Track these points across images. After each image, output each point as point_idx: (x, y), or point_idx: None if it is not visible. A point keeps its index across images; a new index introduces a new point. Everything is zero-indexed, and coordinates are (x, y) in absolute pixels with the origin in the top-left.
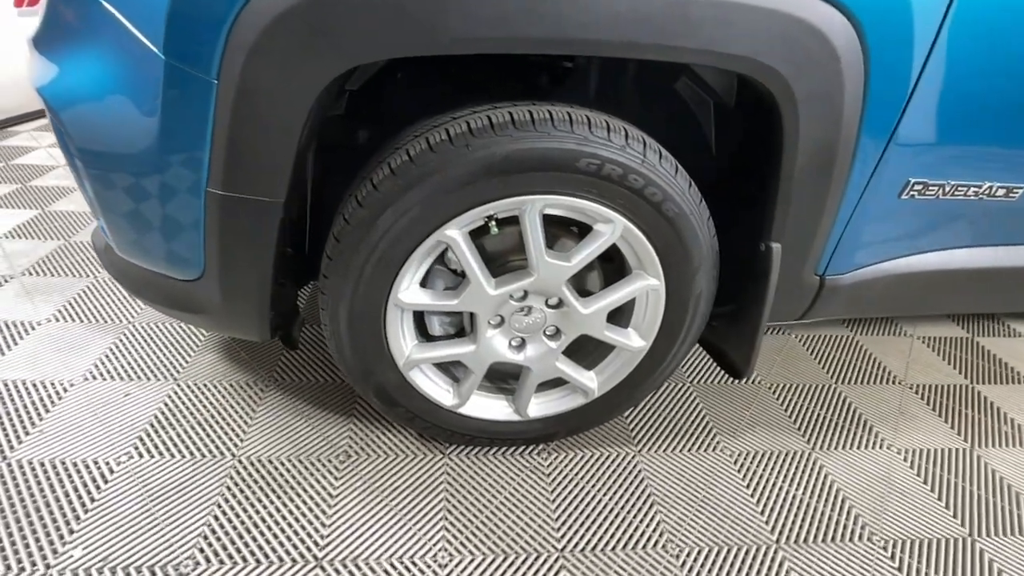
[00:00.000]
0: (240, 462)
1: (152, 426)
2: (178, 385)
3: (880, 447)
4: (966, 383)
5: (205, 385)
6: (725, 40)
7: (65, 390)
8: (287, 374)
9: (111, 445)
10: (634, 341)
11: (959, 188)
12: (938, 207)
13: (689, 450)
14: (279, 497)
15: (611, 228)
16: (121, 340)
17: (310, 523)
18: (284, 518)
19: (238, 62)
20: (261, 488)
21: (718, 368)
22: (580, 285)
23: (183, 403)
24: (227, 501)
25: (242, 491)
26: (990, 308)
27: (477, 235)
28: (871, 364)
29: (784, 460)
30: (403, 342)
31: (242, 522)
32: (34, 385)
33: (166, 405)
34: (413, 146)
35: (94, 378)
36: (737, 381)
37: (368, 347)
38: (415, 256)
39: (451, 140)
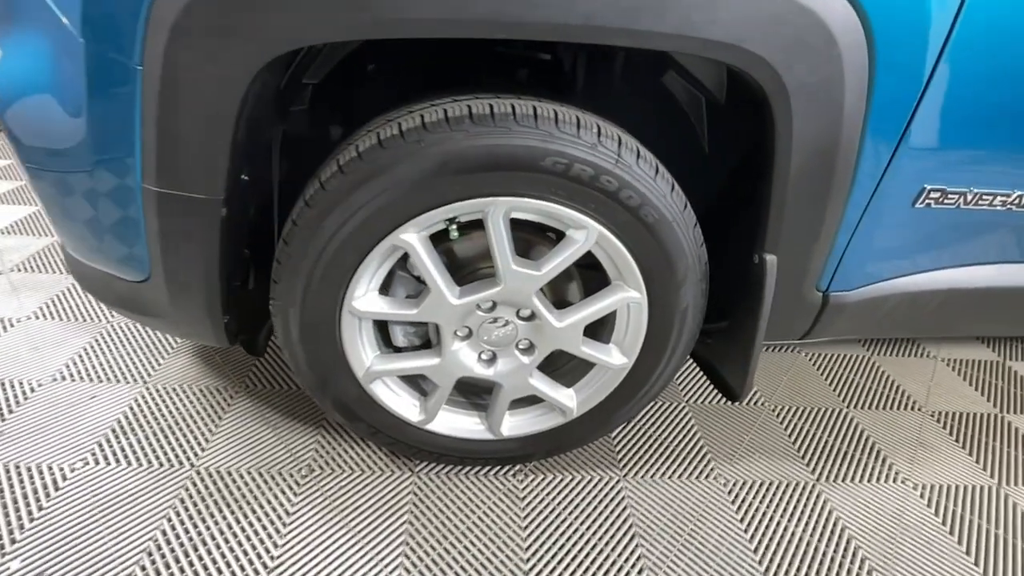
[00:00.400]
0: (198, 472)
1: (114, 431)
2: (147, 388)
3: (893, 480)
4: (994, 412)
5: (174, 389)
6: (703, 24)
7: (32, 390)
8: (259, 380)
9: (69, 450)
10: (615, 358)
11: (984, 197)
12: (959, 217)
13: (679, 477)
14: (233, 512)
15: (585, 235)
16: (97, 340)
17: (262, 541)
18: (235, 535)
19: (160, 47)
20: (216, 502)
21: (707, 388)
22: (560, 295)
23: (149, 408)
24: (178, 515)
25: (195, 504)
26: (1021, 332)
27: (443, 239)
28: (888, 387)
29: (784, 492)
30: (362, 352)
31: (191, 538)
32: (2, 384)
33: (131, 409)
34: (363, 141)
35: (64, 378)
36: (735, 403)
37: (323, 358)
38: (369, 261)
39: (403, 135)
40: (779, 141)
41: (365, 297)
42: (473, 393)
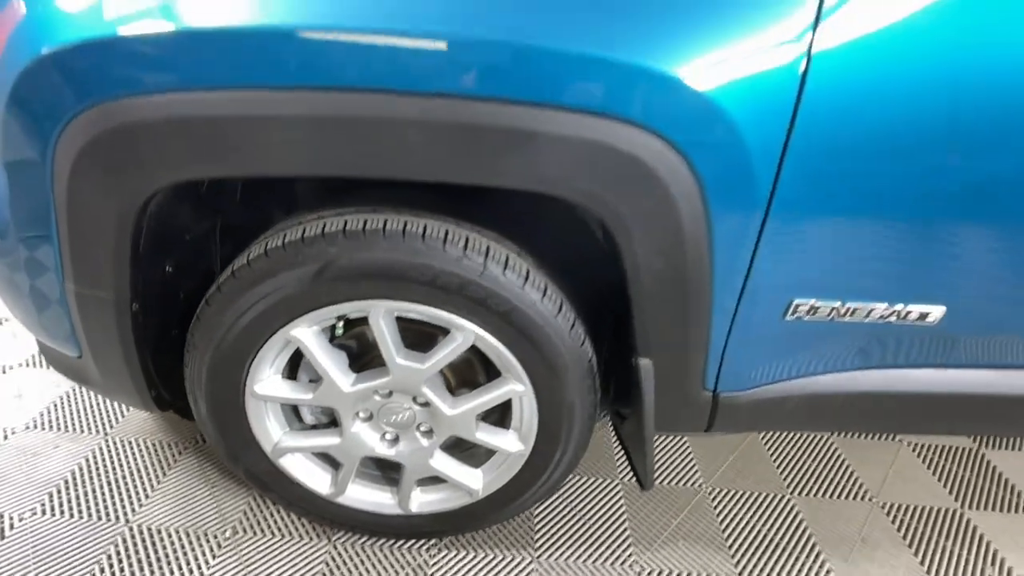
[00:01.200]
0: (130, 529)
1: (66, 482)
2: (106, 440)
3: None
4: (955, 507)
5: (130, 443)
6: (533, 169)
7: (6, 437)
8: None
9: (23, 499)
10: (511, 445)
11: (856, 310)
12: (838, 329)
13: (593, 561)
14: (152, 572)
15: (462, 335)
16: (74, 390)
17: None
18: None
19: (64, 181)
20: (139, 560)
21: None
22: (470, 377)
23: (103, 460)
24: (103, 571)
25: (120, 561)
26: (931, 432)
27: (354, 324)
28: (841, 473)
29: None
30: (270, 429)
31: None
32: None
33: (87, 460)
34: (253, 250)
35: (35, 427)
36: (643, 490)
37: (232, 434)
38: (266, 350)
39: (284, 247)
40: (626, 260)
41: (266, 381)
42: (390, 467)
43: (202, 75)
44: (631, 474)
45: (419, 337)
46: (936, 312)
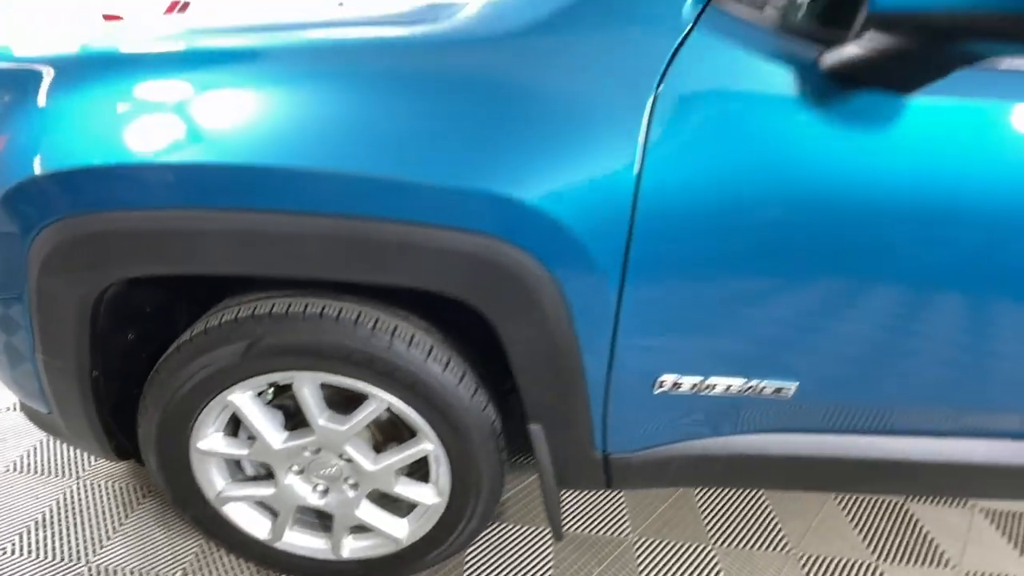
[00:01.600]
0: (90, 569)
1: (36, 522)
2: (78, 483)
3: None
4: (871, 560)
5: (99, 485)
6: (416, 272)
7: None
8: None
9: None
10: (429, 497)
11: (716, 385)
12: (704, 400)
13: None
14: None
15: (376, 401)
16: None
17: None
18: None
19: (35, 277)
20: None
21: (583, 514)
22: (396, 434)
23: (73, 502)
24: None
25: None
26: (812, 489)
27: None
28: (765, 525)
29: None
30: (213, 480)
31: None
32: None
33: (58, 502)
34: (196, 327)
35: (15, 469)
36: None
37: (180, 484)
38: (206, 413)
39: (220, 326)
40: (504, 341)
41: (208, 439)
42: (325, 515)
43: (143, 197)
44: (564, 523)
45: (350, 398)
46: (790, 387)
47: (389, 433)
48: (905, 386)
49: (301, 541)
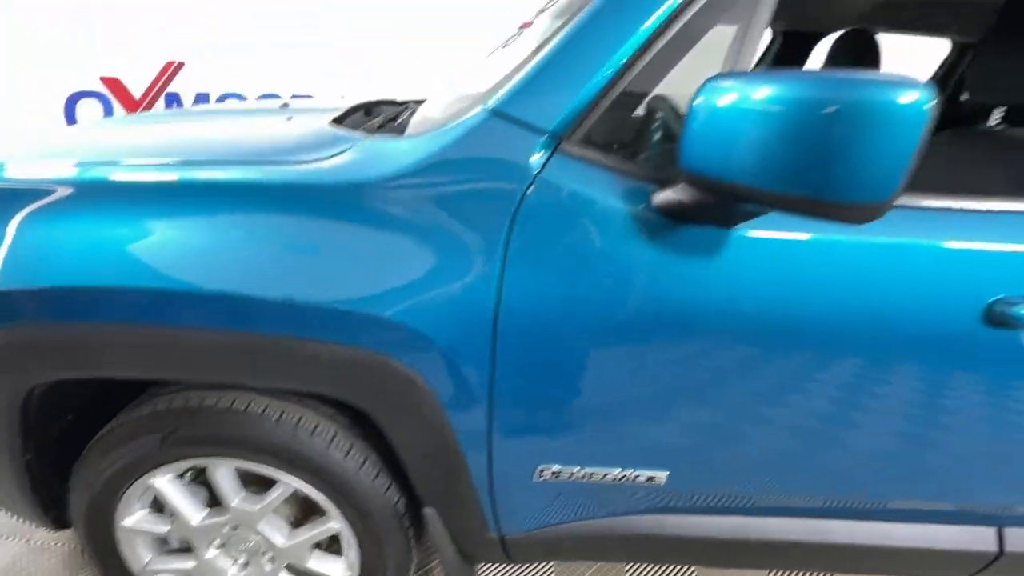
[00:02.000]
0: None
1: None
2: (28, 544)
3: None
4: None
5: (49, 547)
6: (306, 379)
7: None
8: None
9: None
10: (339, 572)
11: (594, 474)
12: (584, 487)
13: None
14: None
15: (284, 485)
16: None
17: None
18: None
19: None
20: None
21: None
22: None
23: (22, 563)
24: None
25: None
26: (705, 564)
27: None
28: None
29: None
30: (139, 554)
31: None
32: None
33: (11, 563)
34: (119, 418)
35: None
36: None
37: (107, 557)
38: (130, 493)
39: (140, 418)
40: (387, 435)
41: (133, 516)
42: None
43: (60, 311)
44: None
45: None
46: (661, 475)
47: (309, 509)
48: (762, 473)
49: None
